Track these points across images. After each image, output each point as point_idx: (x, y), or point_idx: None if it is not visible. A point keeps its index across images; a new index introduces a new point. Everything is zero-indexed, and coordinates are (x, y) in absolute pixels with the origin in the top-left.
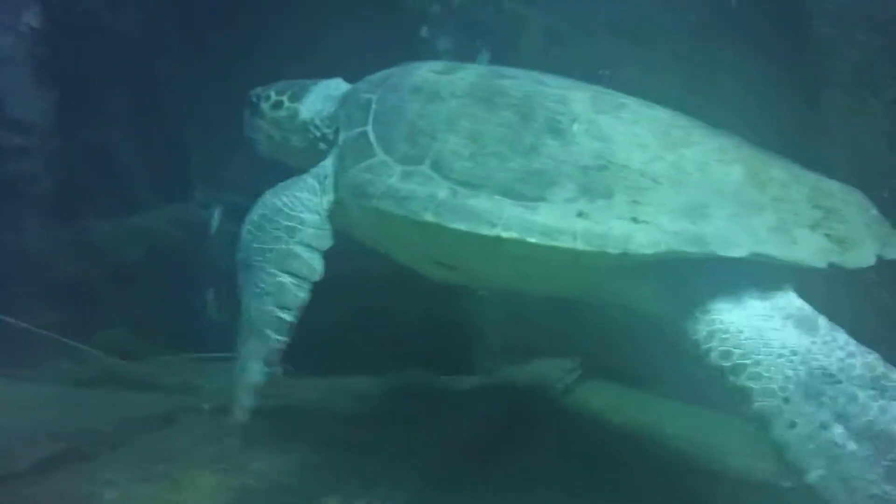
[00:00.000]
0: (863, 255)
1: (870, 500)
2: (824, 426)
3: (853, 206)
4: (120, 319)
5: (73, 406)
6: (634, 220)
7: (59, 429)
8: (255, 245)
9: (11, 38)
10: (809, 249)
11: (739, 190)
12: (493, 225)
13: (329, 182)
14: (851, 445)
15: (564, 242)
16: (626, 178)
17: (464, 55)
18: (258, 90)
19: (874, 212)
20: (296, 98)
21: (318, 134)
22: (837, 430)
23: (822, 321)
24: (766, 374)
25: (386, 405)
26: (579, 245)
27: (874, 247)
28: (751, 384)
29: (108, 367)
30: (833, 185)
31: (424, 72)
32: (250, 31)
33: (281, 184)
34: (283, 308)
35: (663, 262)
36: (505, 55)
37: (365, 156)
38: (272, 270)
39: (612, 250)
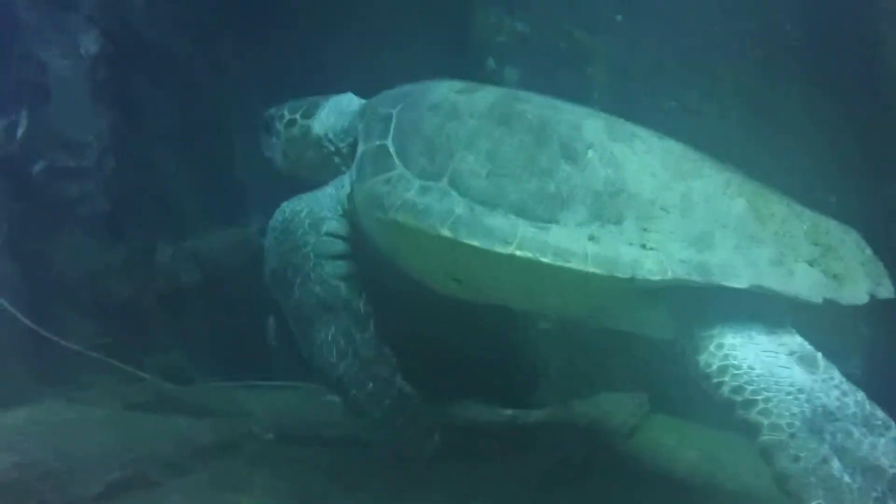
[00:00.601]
0: (857, 293)
1: None
2: (825, 460)
3: (849, 245)
4: (173, 344)
5: (133, 431)
6: (643, 246)
7: (124, 454)
8: (282, 248)
9: (69, 61)
10: (807, 284)
11: (742, 223)
12: (508, 243)
13: (346, 191)
14: (846, 478)
15: (576, 264)
16: (636, 206)
17: (531, 86)
18: (273, 110)
19: (868, 251)
20: (308, 115)
21: (332, 148)
22: (835, 464)
23: (821, 359)
24: (775, 411)
25: (452, 439)
26: (590, 267)
27: (867, 285)
28: (761, 419)
29: (162, 392)
30: (831, 224)
31: (444, 91)
32: (310, 56)
33: (300, 195)
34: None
35: (669, 288)
36: (572, 86)
37: (384, 168)
38: (312, 273)
39: (622, 274)
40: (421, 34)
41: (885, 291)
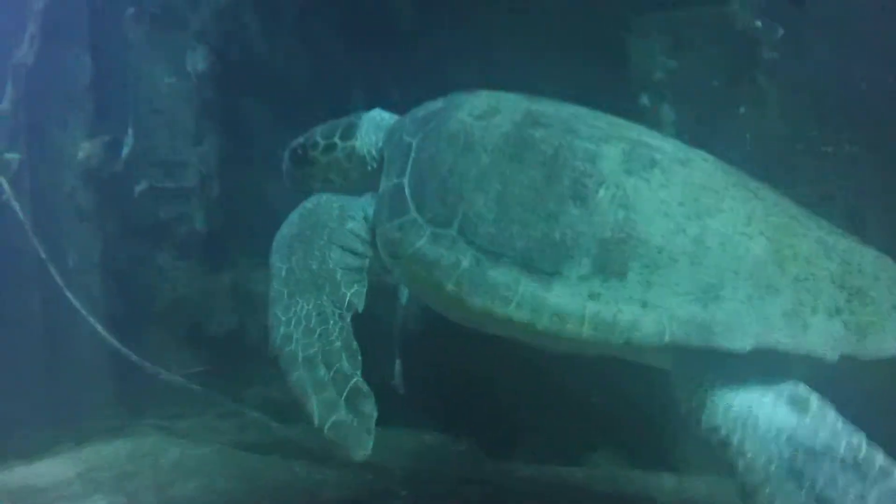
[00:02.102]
0: (882, 345)
1: None
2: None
3: (884, 283)
4: (274, 377)
5: (248, 477)
6: (644, 304)
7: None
8: (303, 223)
9: (175, 79)
10: (822, 339)
11: (759, 269)
12: (508, 301)
13: (368, 221)
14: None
15: (571, 330)
16: (643, 255)
17: (688, 127)
18: (299, 141)
19: None
20: (348, 136)
21: (375, 165)
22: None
23: (815, 399)
24: (750, 452)
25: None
26: (585, 332)
27: None
28: (737, 460)
29: (271, 431)
30: (866, 258)
31: (464, 115)
32: (436, 78)
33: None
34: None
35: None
36: (726, 127)
37: (399, 212)
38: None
39: (616, 339)
40: (571, 64)
41: None
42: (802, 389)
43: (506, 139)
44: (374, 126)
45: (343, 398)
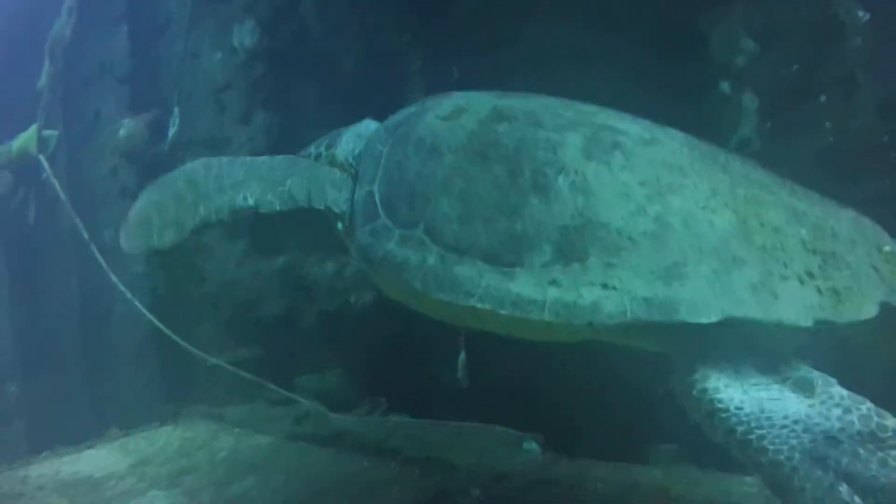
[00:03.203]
0: (860, 308)
1: None
2: (832, 487)
3: (861, 246)
4: (329, 366)
5: (312, 473)
6: (605, 286)
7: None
8: None
9: (220, 55)
10: (794, 307)
11: (723, 242)
12: (471, 294)
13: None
14: (858, 501)
15: (533, 314)
16: (603, 238)
17: (769, 115)
18: (302, 152)
19: (889, 248)
20: (331, 146)
21: (353, 171)
22: (844, 489)
23: (818, 379)
24: (771, 447)
25: None
26: (546, 316)
27: (878, 294)
28: (759, 458)
29: (326, 421)
30: (842, 221)
31: (431, 118)
32: (497, 57)
33: None
34: None
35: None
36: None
37: (370, 218)
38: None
39: (578, 321)
40: (649, 51)
41: None
42: (804, 371)
43: (469, 138)
44: (354, 135)
45: None
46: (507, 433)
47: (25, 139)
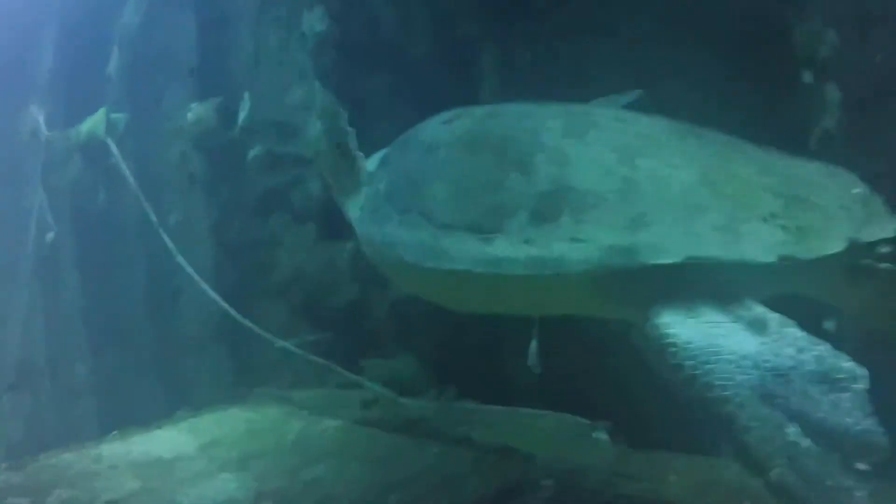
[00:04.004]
0: (825, 243)
1: (827, 492)
2: (780, 426)
3: (830, 190)
4: (397, 351)
5: (380, 458)
6: (573, 239)
7: (379, 495)
8: None
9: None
10: (756, 244)
11: (688, 193)
12: (453, 260)
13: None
14: (806, 442)
15: (506, 269)
16: (574, 200)
17: (851, 106)
18: None
19: (859, 190)
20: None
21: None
22: (793, 429)
23: (773, 318)
24: (717, 383)
25: None
26: (519, 271)
27: (845, 231)
28: (706, 394)
29: (395, 407)
30: (813, 171)
31: (433, 123)
32: (571, 55)
33: None
34: None
35: (609, 277)
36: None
37: (375, 209)
38: None
39: (547, 271)
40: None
41: (871, 233)
42: (759, 311)
43: (462, 133)
44: (376, 157)
45: None
46: (577, 422)
47: (94, 122)
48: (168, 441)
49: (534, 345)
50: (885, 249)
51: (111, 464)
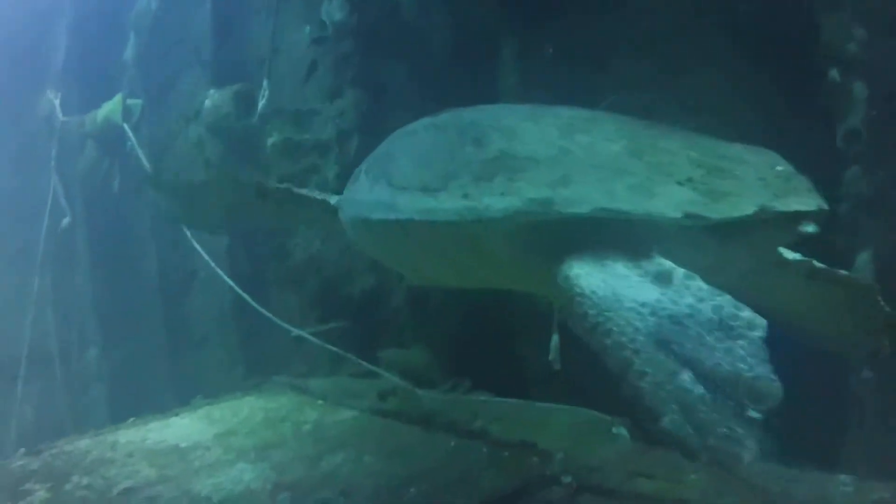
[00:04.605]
0: (734, 206)
1: (718, 439)
2: (674, 373)
3: (753, 166)
4: (412, 342)
5: (396, 450)
6: (502, 194)
7: (397, 488)
8: None
9: (307, 28)
10: (666, 203)
11: (614, 160)
12: (401, 212)
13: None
14: (699, 389)
15: (439, 217)
16: (512, 163)
17: (878, 104)
18: None
19: (782, 168)
20: None
21: None
22: (686, 376)
23: (679, 272)
24: (616, 329)
25: None
26: (450, 217)
27: (758, 199)
28: (605, 340)
29: (411, 398)
30: (740, 149)
31: (426, 118)
32: (593, 46)
33: None
34: None
35: (538, 227)
36: None
37: (354, 181)
38: None
39: (471, 217)
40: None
41: (784, 204)
42: (667, 265)
43: (439, 120)
44: None
45: None
46: (595, 417)
47: (110, 108)
48: (184, 429)
49: (555, 339)
50: (808, 228)
51: (127, 451)
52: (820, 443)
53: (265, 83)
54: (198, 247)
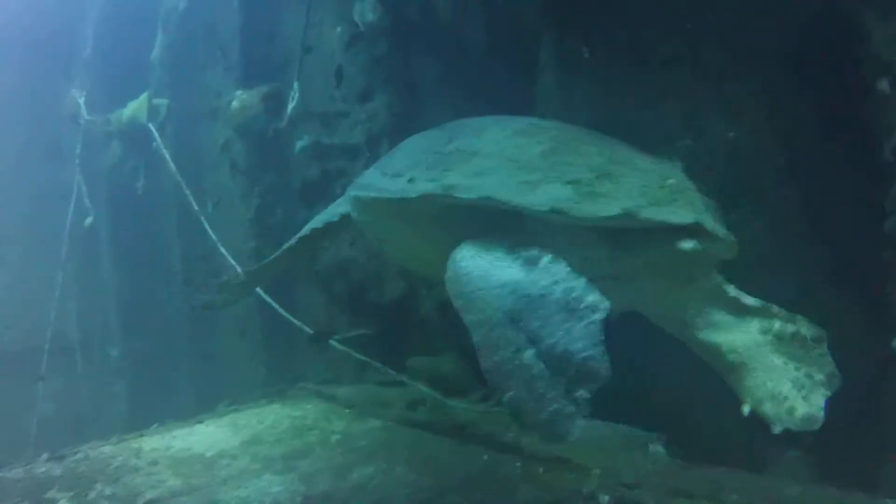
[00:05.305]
0: (601, 208)
1: (551, 414)
2: (519, 349)
3: (644, 175)
4: (441, 350)
5: (428, 462)
6: (432, 180)
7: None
8: None
9: (341, 29)
10: (541, 198)
11: (528, 160)
12: (368, 189)
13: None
14: (539, 366)
15: (382, 194)
16: (458, 157)
17: None
18: None
19: (673, 181)
20: None
21: None
22: (529, 353)
23: (546, 257)
24: (478, 306)
25: None
26: (381, 194)
27: (627, 203)
28: (470, 317)
29: (441, 408)
30: (647, 161)
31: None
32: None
33: None
34: None
35: (451, 211)
36: None
37: (361, 174)
38: None
39: (391, 196)
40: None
41: (658, 213)
42: (537, 252)
43: (443, 124)
44: None
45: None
46: (631, 432)
47: (136, 107)
48: (209, 436)
49: None
50: (685, 245)
51: (151, 459)
52: (864, 464)
53: (295, 85)
54: (223, 250)
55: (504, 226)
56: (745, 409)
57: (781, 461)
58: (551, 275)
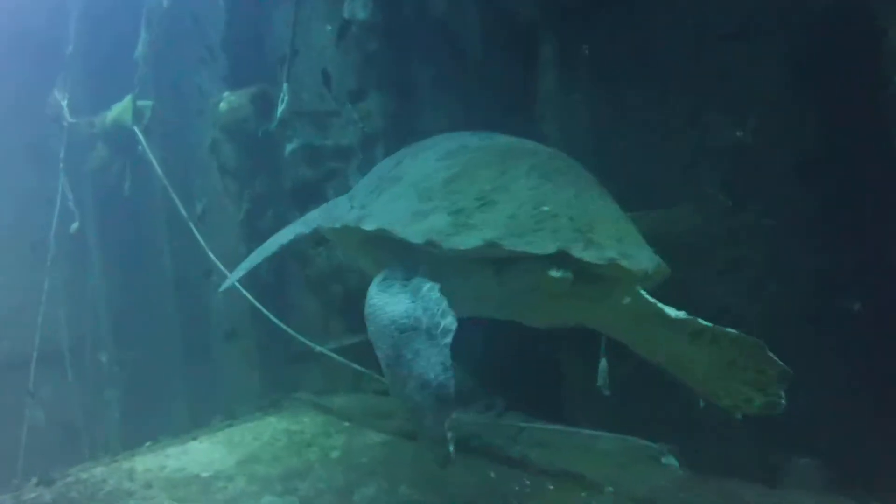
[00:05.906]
0: (465, 240)
1: (430, 441)
2: (406, 380)
3: (518, 202)
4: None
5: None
6: (362, 206)
7: None
8: None
9: (329, 28)
10: (422, 229)
11: (430, 187)
12: (331, 220)
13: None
14: (418, 396)
15: (330, 224)
16: (386, 183)
17: None
18: None
19: (547, 209)
20: None
21: None
22: (413, 384)
23: (426, 286)
24: (378, 344)
25: None
26: (335, 224)
27: (490, 234)
28: (378, 353)
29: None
30: (540, 191)
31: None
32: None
33: None
34: None
35: (373, 237)
36: None
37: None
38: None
39: (336, 224)
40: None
41: (516, 244)
42: (419, 281)
43: (421, 143)
44: None
45: None
46: (642, 445)
47: (120, 110)
48: (204, 455)
49: (603, 364)
50: (554, 274)
51: (145, 481)
52: (879, 471)
53: (285, 86)
54: (212, 256)
55: (413, 251)
56: (702, 403)
57: (794, 469)
58: (423, 303)
